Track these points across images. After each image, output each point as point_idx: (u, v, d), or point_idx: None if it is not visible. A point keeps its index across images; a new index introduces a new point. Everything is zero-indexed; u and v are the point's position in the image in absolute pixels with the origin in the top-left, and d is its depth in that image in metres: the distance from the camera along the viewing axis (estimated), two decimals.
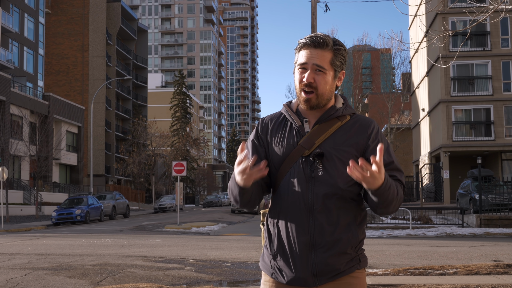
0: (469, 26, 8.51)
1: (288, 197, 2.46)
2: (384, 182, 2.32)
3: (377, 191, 2.34)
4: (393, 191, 2.39)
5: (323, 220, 2.41)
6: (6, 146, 35.14)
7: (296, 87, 2.52)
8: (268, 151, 2.55)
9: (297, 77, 2.51)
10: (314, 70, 2.47)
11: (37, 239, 18.46)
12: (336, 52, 2.50)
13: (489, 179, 24.19)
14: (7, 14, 47.39)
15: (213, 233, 22.53)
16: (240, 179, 2.39)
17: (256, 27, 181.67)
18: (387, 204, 2.41)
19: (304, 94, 2.49)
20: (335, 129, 2.50)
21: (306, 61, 2.48)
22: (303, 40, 2.52)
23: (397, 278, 8.32)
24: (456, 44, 36.56)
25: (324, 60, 2.48)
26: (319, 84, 2.47)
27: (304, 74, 2.49)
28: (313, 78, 2.47)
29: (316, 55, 2.47)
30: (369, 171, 2.26)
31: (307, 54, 2.48)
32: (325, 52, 2.48)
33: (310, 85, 2.47)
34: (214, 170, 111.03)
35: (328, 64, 2.48)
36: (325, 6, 24.04)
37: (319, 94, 2.48)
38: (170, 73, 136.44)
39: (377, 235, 19.19)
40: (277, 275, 2.49)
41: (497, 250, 13.49)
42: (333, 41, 2.51)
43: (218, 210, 47.31)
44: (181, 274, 9.75)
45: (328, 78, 2.49)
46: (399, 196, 2.44)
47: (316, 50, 2.48)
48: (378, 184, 2.31)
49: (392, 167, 2.50)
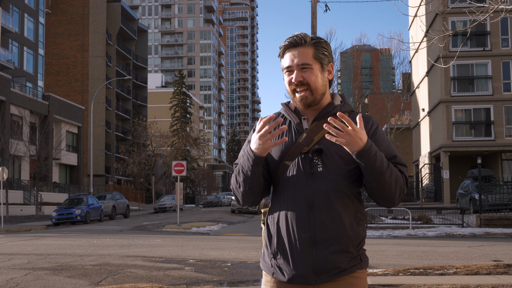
0: (469, 26, 8.51)
1: (288, 194, 2.46)
2: (366, 145, 2.32)
3: (359, 154, 2.32)
4: (382, 161, 2.36)
5: (323, 217, 2.40)
6: (6, 146, 35.14)
7: (288, 91, 2.55)
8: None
9: (286, 81, 2.54)
10: (300, 69, 2.50)
11: (37, 239, 18.46)
12: (317, 46, 2.52)
13: (489, 179, 24.19)
14: (7, 14, 47.39)
15: (213, 233, 22.52)
16: (257, 145, 2.38)
17: (256, 27, 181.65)
18: (377, 175, 2.36)
19: (298, 94, 2.51)
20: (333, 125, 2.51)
21: (290, 63, 2.51)
22: (282, 44, 2.55)
23: (397, 278, 8.32)
24: (456, 44, 36.56)
25: (306, 56, 2.50)
26: (309, 79, 2.49)
27: (291, 75, 2.51)
28: (301, 76, 2.49)
29: (297, 54, 2.50)
30: (344, 129, 2.28)
31: (290, 56, 2.52)
32: (305, 49, 2.51)
33: (301, 83, 2.49)
34: (214, 170, 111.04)
35: (312, 59, 2.50)
36: (325, 6, 24.06)
37: (313, 90, 2.49)
38: (170, 73, 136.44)
39: (377, 235, 19.18)
40: (278, 274, 2.48)
41: (497, 250, 13.49)
42: (311, 37, 2.54)
43: (218, 210, 47.31)
44: (181, 274, 9.75)
45: (316, 72, 2.50)
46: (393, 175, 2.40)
47: (297, 49, 2.51)
48: (358, 146, 2.31)
49: (396, 161, 2.50)
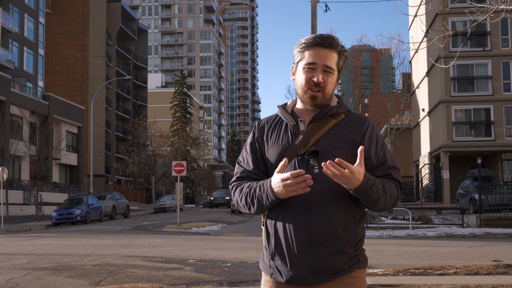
0: (469, 26, 8.51)
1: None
2: (362, 183, 2.34)
3: (356, 191, 2.36)
4: (378, 191, 2.39)
5: (321, 218, 2.41)
6: (6, 146, 35.14)
7: (301, 86, 2.52)
8: (265, 153, 2.58)
9: (303, 76, 2.51)
10: (323, 70, 2.49)
11: (37, 239, 18.46)
12: (341, 54, 2.54)
13: (489, 179, 24.19)
14: (7, 14, 47.38)
15: (213, 233, 22.52)
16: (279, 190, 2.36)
17: (256, 27, 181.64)
18: (372, 203, 2.42)
19: (311, 92, 2.50)
20: (330, 127, 2.52)
21: (316, 61, 2.49)
22: (311, 39, 2.52)
23: (397, 278, 8.32)
24: (456, 44, 36.56)
25: (332, 61, 2.50)
26: (327, 85, 2.50)
27: (313, 73, 2.50)
28: (322, 78, 2.49)
29: (325, 55, 2.49)
30: (342, 173, 2.28)
31: (316, 54, 2.50)
32: (332, 53, 2.51)
33: (318, 85, 2.49)
34: (214, 170, 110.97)
35: (335, 66, 2.52)
36: (325, 6, 24.05)
37: (325, 94, 2.51)
38: (170, 73, 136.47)
39: (377, 235, 19.19)
40: (276, 275, 2.49)
41: (497, 250, 13.49)
42: (339, 43, 2.54)
43: (218, 210, 47.29)
44: (181, 274, 9.75)
45: (334, 79, 2.53)
46: (388, 195, 2.44)
47: (325, 51, 2.50)
48: (355, 185, 2.33)
49: (386, 166, 2.52)
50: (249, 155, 2.60)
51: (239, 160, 2.64)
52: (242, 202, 2.53)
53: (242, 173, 2.59)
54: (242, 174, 2.59)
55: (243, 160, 2.62)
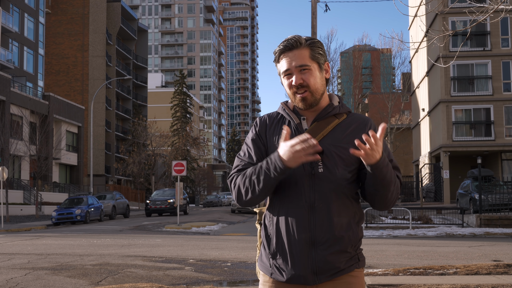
0: (469, 26, 8.51)
1: (289, 195, 2.46)
2: (382, 157, 2.35)
3: (376, 165, 2.35)
4: (391, 173, 2.42)
5: (324, 217, 2.41)
6: (6, 146, 35.15)
7: (289, 94, 2.53)
8: (268, 149, 2.55)
9: (286, 84, 2.54)
10: (299, 71, 2.50)
11: (37, 239, 18.46)
12: (312, 46, 2.53)
13: (489, 179, 24.19)
14: (7, 14, 47.38)
15: (213, 233, 22.52)
16: (294, 157, 2.32)
17: (256, 27, 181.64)
18: (386, 184, 2.40)
19: (298, 95, 2.50)
20: (333, 127, 2.52)
21: (288, 66, 2.51)
22: (278, 48, 2.55)
23: (397, 278, 8.32)
24: (456, 44, 36.56)
25: (303, 58, 2.50)
26: (309, 81, 2.49)
27: (291, 78, 2.51)
28: (301, 78, 2.49)
29: (294, 57, 2.50)
30: (368, 144, 2.30)
31: (287, 59, 2.51)
32: (301, 51, 2.51)
33: (301, 86, 2.49)
34: (214, 170, 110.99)
35: (309, 60, 2.51)
36: (325, 6, 24.07)
37: (313, 91, 2.50)
38: (170, 73, 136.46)
39: (377, 235, 19.18)
40: (276, 274, 2.48)
41: (497, 250, 13.49)
42: (305, 38, 2.54)
43: (218, 210, 47.30)
44: (181, 274, 9.75)
45: (315, 73, 2.51)
46: (397, 183, 2.47)
47: (293, 52, 2.51)
48: (376, 158, 2.33)
49: (392, 165, 2.52)
50: (251, 148, 2.56)
51: (239, 155, 2.59)
52: (246, 184, 2.44)
53: (244, 166, 2.53)
54: (243, 166, 2.53)
55: (244, 154, 2.57)
